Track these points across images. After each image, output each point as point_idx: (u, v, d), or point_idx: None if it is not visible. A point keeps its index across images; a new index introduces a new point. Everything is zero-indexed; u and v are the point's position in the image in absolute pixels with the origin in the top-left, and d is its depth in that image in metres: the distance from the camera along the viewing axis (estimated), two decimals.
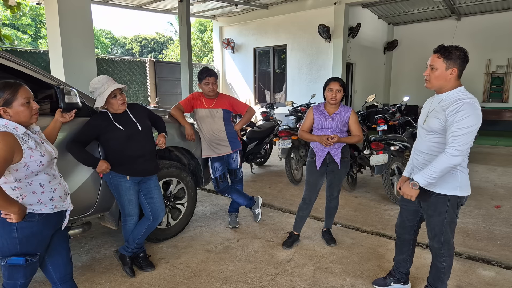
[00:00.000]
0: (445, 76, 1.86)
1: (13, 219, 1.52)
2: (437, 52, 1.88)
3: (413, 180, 1.92)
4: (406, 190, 1.96)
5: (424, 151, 2.01)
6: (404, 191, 1.99)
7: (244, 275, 2.60)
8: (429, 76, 1.92)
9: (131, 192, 2.50)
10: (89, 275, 2.61)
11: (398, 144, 4.12)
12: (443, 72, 1.86)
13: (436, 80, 1.90)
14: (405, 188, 1.98)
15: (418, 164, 2.06)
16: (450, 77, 1.86)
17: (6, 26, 16.78)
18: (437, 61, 1.87)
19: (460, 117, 1.76)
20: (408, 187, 1.94)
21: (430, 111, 2.00)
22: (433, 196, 1.97)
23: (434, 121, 1.92)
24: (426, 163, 1.98)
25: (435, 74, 1.89)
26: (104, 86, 2.33)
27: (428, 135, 1.98)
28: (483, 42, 10.58)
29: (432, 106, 2.00)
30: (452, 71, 1.85)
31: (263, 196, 4.38)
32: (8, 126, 1.53)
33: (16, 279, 1.61)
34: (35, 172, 1.59)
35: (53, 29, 4.72)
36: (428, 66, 1.93)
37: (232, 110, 3.32)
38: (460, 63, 1.84)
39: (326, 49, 9.61)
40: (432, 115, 1.96)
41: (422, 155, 2.03)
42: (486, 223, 3.57)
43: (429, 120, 1.96)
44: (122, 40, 27.62)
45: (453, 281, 2.43)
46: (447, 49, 1.84)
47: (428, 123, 1.97)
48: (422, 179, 1.87)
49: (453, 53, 1.83)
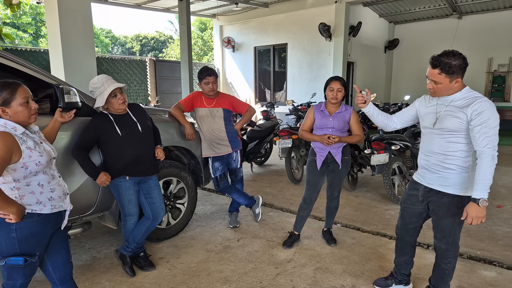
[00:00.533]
0: (451, 87, 1.87)
1: (11, 219, 1.51)
2: (436, 67, 1.84)
3: (476, 199, 1.78)
4: (476, 212, 1.78)
5: (438, 152, 1.96)
6: (474, 215, 1.78)
7: (245, 275, 2.59)
8: (434, 89, 1.91)
9: (131, 192, 2.49)
10: (89, 274, 2.61)
11: (399, 143, 4.11)
12: (448, 85, 1.86)
13: (442, 92, 1.90)
14: (474, 212, 1.78)
15: (431, 165, 2.00)
16: (456, 85, 1.87)
17: (6, 25, 16.76)
18: (439, 77, 1.85)
19: (487, 116, 1.77)
20: (478, 208, 1.78)
21: (439, 112, 1.94)
22: (446, 197, 1.94)
23: (452, 121, 1.87)
24: (441, 164, 1.94)
25: (440, 87, 1.88)
26: (104, 86, 2.32)
27: (443, 136, 1.93)
28: (484, 40, 10.55)
29: (439, 108, 1.95)
30: (457, 81, 1.85)
31: (263, 195, 4.37)
32: (7, 126, 1.52)
33: (15, 279, 1.60)
34: (34, 172, 1.58)
35: (53, 28, 4.71)
36: (429, 80, 1.91)
37: (232, 109, 3.30)
38: (463, 71, 1.84)
39: (326, 48, 9.59)
40: (446, 115, 1.90)
41: (435, 156, 1.97)
42: (488, 223, 3.56)
43: (444, 121, 1.91)
44: (122, 39, 27.59)
45: (454, 281, 2.42)
46: (446, 63, 1.80)
47: (443, 123, 1.91)
48: (485, 193, 1.77)
49: (453, 67, 1.80)
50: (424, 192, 2.06)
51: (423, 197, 2.07)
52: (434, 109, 1.99)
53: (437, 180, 1.98)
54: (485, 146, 1.78)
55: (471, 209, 1.80)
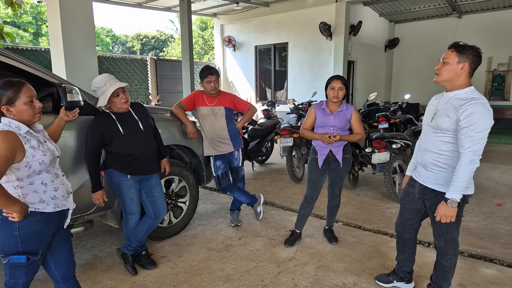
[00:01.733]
0: (456, 70, 1.86)
1: (14, 218, 1.51)
2: (451, 47, 1.89)
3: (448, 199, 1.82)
4: (445, 211, 1.84)
5: (433, 150, 1.98)
6: (442, 213, 1.85)
7: (246, 273, 2.60)
8: (440, 69, 1.92)
9: (132, 191, 2.50)
10: (91, 273, 2.62)
11: (400, 142, 4.11)
12: (455, 66, 1.86)
13: (446, 73, 1.88)
14: (442, 211, 1.84)
15: (426, 163, 2.01)
16: (461, 72, 1.86)
17: (7, 24, 16.76)
18: (450, 55, 1.87)
19: (475, 119, 1.75)
20: (446, 208, 1.83)
21: (438, 109, 1.97)
22: (440, 196, 1.95)
23: (444, 120, 1.89)
24: (435, 162, 1.96)
25: (446, 67, 1.88)
26: (106, 85, 2.32)
27: (436, 134, 1.95)
28: (484, 40, 10.54)
29: (440, 104, 1.97)
30: (463, 66, 1.84)
31: (264, 194, 4.38)
32: (11, 125, 1.53)
33: (18, 277, 1.61)
34: (37, 171, 1.58)
35: (54, 27, 4.72)
36: (440, 61, 1.93)
37: (234, 108, 3.31)
38: (473, 60, 1.84)
39: (327, 47, 9.59)
40: (441, 113, 1.92)
41: (430, 154, 1.99)
42: (488, 221, 3.56)
43: (438, 118, 1.93)
44: (123, 38, 27.58)
45: (455, 279, 2.42)
46: (462, 45, 1.85)
47: (437, 121, 1.94)
48: (457, 194, 1.80)
49: (467, 49, 1.83)
50: (420, 190, 2.08)
51: (419, 195, 2.09)
52: (436, 104, 2.02)
53: (431, 178, 2.00)
54: (466, 149, 1.78)
55: (441, 207, 1.86)
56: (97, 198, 2.42)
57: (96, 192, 2.41)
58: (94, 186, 2.41)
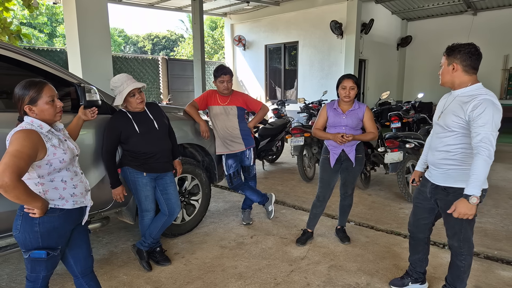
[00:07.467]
0: (448, 71, 1.93)
1: (35, 214, 1.56)
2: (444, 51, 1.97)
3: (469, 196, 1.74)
4: (465, 209, 1.76)
5: (442, 149, 1.98)
6: (463, 211, 1.77)
7: (259, 271, 2.62)
8: (440, 73, 2.01)
9: (148, 188, 2.54)
10: (107, 268, 2.68)
11: (413, 141, 4.07)
12: (446, 68, 1.95)
13: (443, 76, 1.97)
14: (462, 209, 1.76)
15: (436, 162, 2.02)
16: (454, 72, 1.91)
17: (23, 25, 17.15)
18: (443, 59, 1.97)
19: (485, 115, 1.74)
20: (467, 205, 1.74)
21: (445, 107, 1.98)
22: (452, 195, 1.93)
23: (451, 118, 1.89)
24: (444, 160, 1.96)
25: (442, 71, 1.97)
26: (123, 85, 2.37)
27: (444, 132, 1.96)
28: (500, 37, 10.29)
29: (447, 103, 1.99)
30: (454, 66, 1.90)
31: (275, 193, 4.39)
32: (33, 124, 1.57)
33: (38, 271, 1.66)
34: (58, 169, 1.62)
35: (71, 28, 4.82)
36: None
37: (246, 107, 3.33)
38: (462, 58, 1.86)
39: (338, 46, 9.51)
40: (448, 111, 1.93)
41: (439, 153, 1.99)
42: (505, 223, 3.50)
43: (445, 116, 1.94)
44: (134, 38, 27.92)
45: (471, 281, 2.39)
46: (451, 47, 1.92)
47: (444, 119, 1.95)
48: (477, 189, 1.73)
49: (455, 50, 1.89)
50: (431, 189, 2.07)
51: (431, 194, 2.09)
52: (443, 103, 2.04)
53: (441, 177, 2.00)
54: (479, 144, 1.75)
55: (460, 204, 1.78)
56: (117, 194, 2.49)
57: (116, 188, 2.48)
58: (113, 182, 2.48)
